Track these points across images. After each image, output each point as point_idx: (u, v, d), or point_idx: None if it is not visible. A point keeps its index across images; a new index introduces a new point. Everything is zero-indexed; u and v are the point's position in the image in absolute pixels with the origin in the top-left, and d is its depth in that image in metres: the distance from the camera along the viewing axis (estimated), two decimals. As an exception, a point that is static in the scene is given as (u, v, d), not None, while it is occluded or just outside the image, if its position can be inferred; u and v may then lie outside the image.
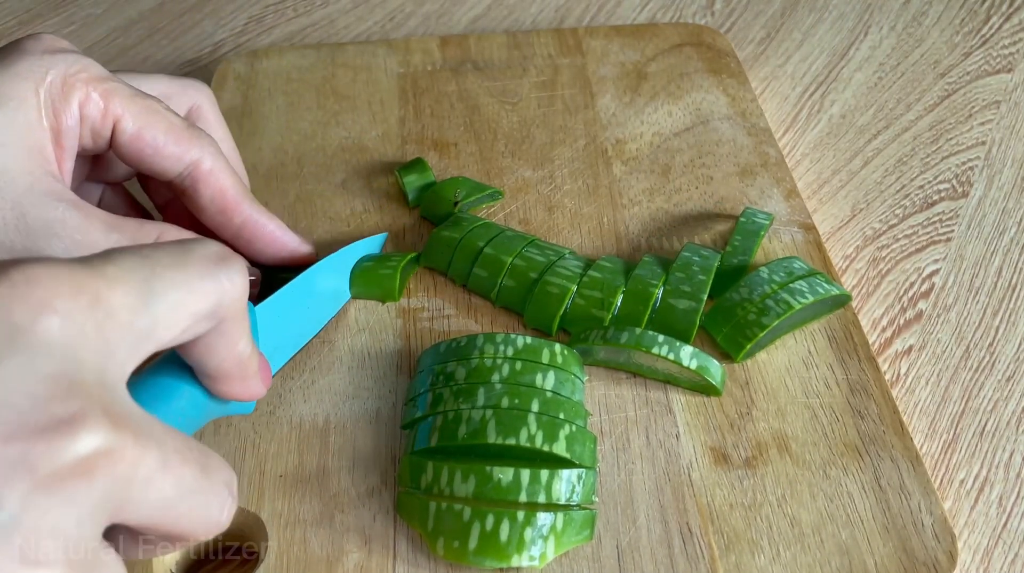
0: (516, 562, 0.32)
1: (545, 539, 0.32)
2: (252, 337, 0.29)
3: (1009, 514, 0.38)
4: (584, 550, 0.34)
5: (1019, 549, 0.37)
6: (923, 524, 0.35)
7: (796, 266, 0.42)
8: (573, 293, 0.41)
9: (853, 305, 0.44)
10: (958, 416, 0.42)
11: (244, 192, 0.40)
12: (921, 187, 0.52)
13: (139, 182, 0.44)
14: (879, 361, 0.42)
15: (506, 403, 0.35)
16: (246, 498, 0.36)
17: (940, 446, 0.41)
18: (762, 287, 0.41)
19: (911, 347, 0.44)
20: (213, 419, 0.33)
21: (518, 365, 0.36)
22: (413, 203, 0.48)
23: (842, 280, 0.47)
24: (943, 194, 0.52)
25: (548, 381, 0.36)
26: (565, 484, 0.33)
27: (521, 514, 0.32)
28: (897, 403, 0.40)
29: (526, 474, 0.33)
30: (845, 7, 0.65)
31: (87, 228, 0.36)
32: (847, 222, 0.50)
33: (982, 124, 0.56)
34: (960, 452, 0.40)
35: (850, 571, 0.33)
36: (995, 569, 0.37)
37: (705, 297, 0.41)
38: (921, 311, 0.46)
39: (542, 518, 0.32)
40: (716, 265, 0.42)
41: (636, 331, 0.38)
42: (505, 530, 0.32)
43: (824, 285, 0.41)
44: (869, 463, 0.37)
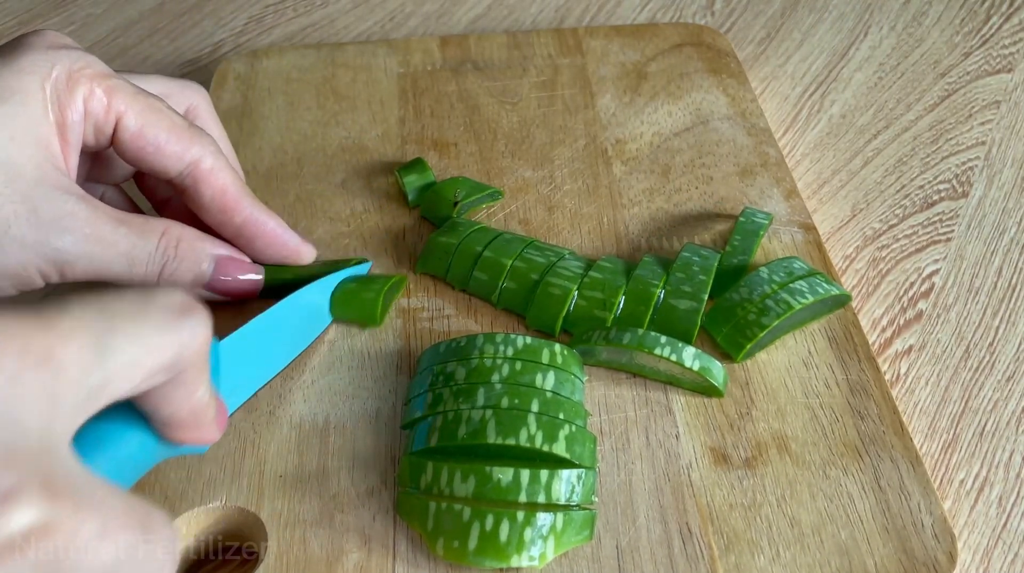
0: (516, 562, 0.32)
1: (545, 539, 0.32)
2: (211, 383, 0.28)
3: (1009, 514, 0.38)
4: (584, 550, 0.34)
5: (1019, 549, 0.37)
6: (923, 524, 0.35)
7: (796, 266, 0.42)
8: (575, 294, 0.41)
9: (853, 305, 0.44)
10: (958, 416, 0.42)
11: (244, 191, 0.40)
12: (921, 187, 0.52)
13: (136, 183, 0.44)
14: (879, 361, 0.42)
15: (506, 403, 0.35)
16: (246, 498, 0.36)
17: (940, 446, 0.41)
18: (762, 287, 0.41)
19: (911, 347, 0.44)
20: (162, 460, 0.31)
21: (518, 365, 0.36)
22: (413, 203, 0.48)
23: (842, 280, 0.47)
24: (943, 194, 0.52)
25: (548, 381, 0.36)
26: (565, 484, 0.33)
27: (521, 514, 0.32)
28: (897, 403, 0.40)
29: (526, 474, 0.33)
30: (845, 7, 0.65)
31: (96, 222, 0.35)
32: (847, 222, 0.50)
33: (982, 124, 0.56)
34: (960, 452, 0.40)
35: (850, 571, 0.33)
36: (995, 569, 0.37)
37: (706, 297, 0.41)
38: (921, 311, 0.46)
39: (542, 518, 0.32)
40: (716, 265, 0.42)
41: (638, 332, 0.38)
42: (505, 530, 0.32)
43: (824, 285, 0.41)
44: (869, 463, 0.37)
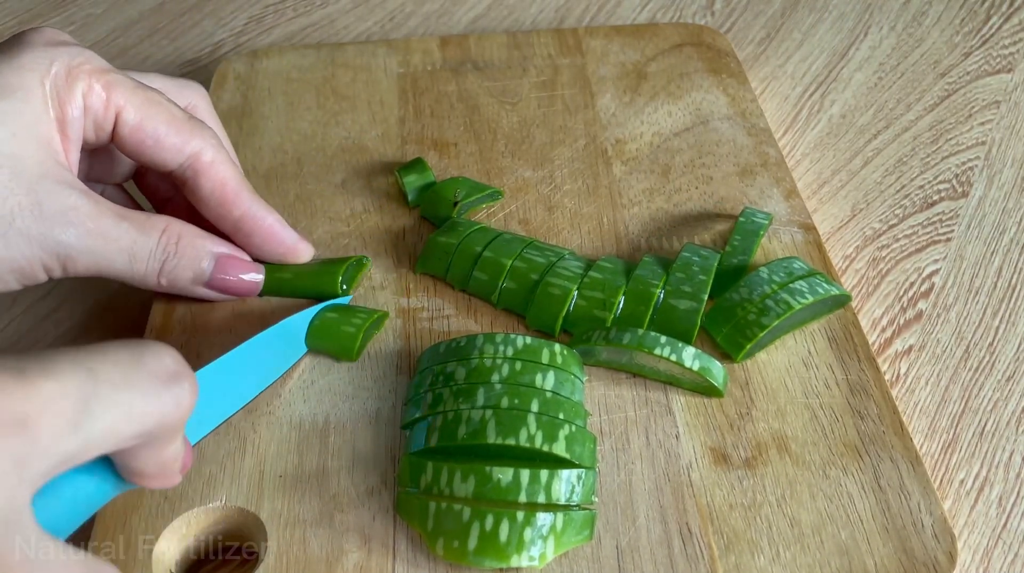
0: (516, 562, 0.32)
1: (545, 539, 0.32)
2: (182, 438, 0.27)
3: (1009, 514, 0.38)
4: (584, 550, 0.34)
5: (1019, 549, 0.37)
6: (923, 524, 0.35)
7: (796, 266, 0.42)
8: (575, 294, 0.41)
9: (853, 305, 0.44)
10: (958, 416, 0.42)
11: (244, 185, 0.40)
12: (921, 187, 0.52)
13: (136, 183, 0.44)
14: (879, 361, 0.42)
15: (506, 403, 0.35)
16: (246, 498, 0.36)
17: (940, 446, 0.41)
18: (762, 287, 0.41)
19: (911, 347, 0.44)
20: (122, 493, 0.30)
21: (518, 365, 0.36)
22: (413, 203, 0.48)
23: (842, 280, 0.47)
24: (943, 194, 0.52)
25: (548, 381, 0.36)
26: (565, 484, 0.33)
27: (521, 514, 0.32)
28: (897, 403, 0.40)
29: (526, 474, 0.33)
30: (845, 7, 0.65)
31: (99, 216, 0.36)
32: (847, 222, 0.50)
33: (982, 124, 0.56)
34: (960, 452, 0.40)
35: (850, 571, 0.33)
36: (995, 569, 0.37)
37: (706, 297, 0.41)
38: (921, 311, 0.46)
39: (542, 518, 0.32)
40: (716, 265, 0.42)
41: (638, 332, 0.38)
42: (505, 530, 0.32)
43: (824, 285, 0.41)
44: (869, 463, 0.37)
